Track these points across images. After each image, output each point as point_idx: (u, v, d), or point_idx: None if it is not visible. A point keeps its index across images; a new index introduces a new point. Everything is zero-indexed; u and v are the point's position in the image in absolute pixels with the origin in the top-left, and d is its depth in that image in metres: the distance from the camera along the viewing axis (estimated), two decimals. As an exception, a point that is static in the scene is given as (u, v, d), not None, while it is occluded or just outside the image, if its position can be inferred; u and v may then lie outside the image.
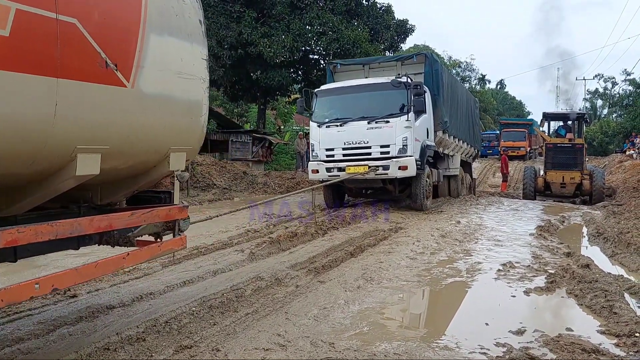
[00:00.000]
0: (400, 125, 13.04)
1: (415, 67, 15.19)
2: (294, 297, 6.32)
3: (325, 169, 13.56)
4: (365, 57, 20.28)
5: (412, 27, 26.09)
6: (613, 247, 9.60)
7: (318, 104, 14.21)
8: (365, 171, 12.94)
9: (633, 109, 44.40)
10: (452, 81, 17.21)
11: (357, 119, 13.40)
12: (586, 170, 18.50)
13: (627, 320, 5.34)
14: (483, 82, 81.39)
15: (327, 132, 13.68)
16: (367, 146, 13.22)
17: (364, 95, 13.78)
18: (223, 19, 22.81)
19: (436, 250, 9.10)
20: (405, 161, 12.93)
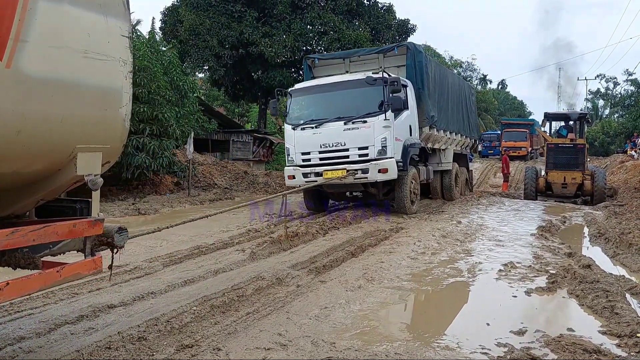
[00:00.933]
0: (378, 125, 12.18)
1: (397, 60, 14.50)
2: (295, 297, 6.32)
3: (301, 174, 12.72)
4: (345, 51, 19.39)
5: (414, 27, 26.08)
6: (614, 247, 9.59)
7: (292, 104, 13.41)
8: (343, 175, 12.14)
9: (635, 109, 44.32)
10: (440, 71, 16.18)
11: (333, 119, 12.55)
12: (587, 171, 18.46)
13: (629, 320, 5.33)
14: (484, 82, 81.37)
15: (303, 135, 12.80)
16: (345, 149, 12.37)
17: (340, 94, 12.93)
18: (224, 18, 22.84)
19: (437, 250, 9.10)
20: (385, 163, 12.13)
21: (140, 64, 14.66)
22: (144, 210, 13.12)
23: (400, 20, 25.84)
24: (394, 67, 14.36)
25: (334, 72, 14.96)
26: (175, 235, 9.79)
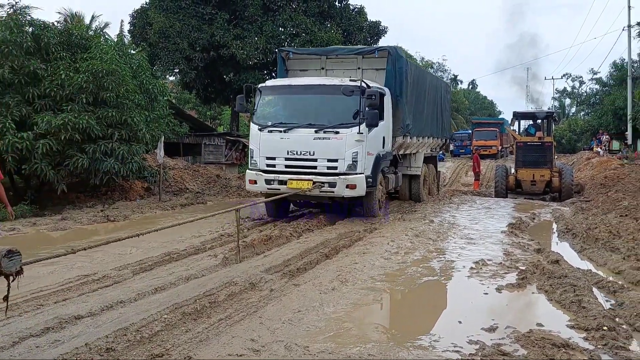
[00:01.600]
0: (350, 138, 11.33)
1: (377, 62, 13.67)
2: (268, 301, 6.28)
3: (264, 180, 11.79)
4: (323, 47, 18.53)
5: (385, 29, 26.20)
6: (581, 242, 9.77)
7: (261, 102, 12.32)
8: (308, 187, 11.30)
9: (600, 107, 45.34)
10: (419, 75, 15.44)
11: (303, 125, 11.61)
12: (555, 168, 18.77)
13: (596, 314, 5.44)
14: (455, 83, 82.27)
15: (269, 138, 11.83)
16: (313, 158, 11.47)
17: (314, 98, 12.07)
18: (195, 21, 22.64)
19: (410, 249, 9.15)
20: (354, 179, 11.33)
21: (108, 67, 14.41)
22: (113, 217, 12.92)
23: (372, 22, 25.95)
24: (373, 69, 13.74)
25: (309, 68, 14.27)
26: (145, 242, 9.65)
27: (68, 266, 8.10)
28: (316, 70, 14.16)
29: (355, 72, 13.58)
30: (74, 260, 8.45)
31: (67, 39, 15.58)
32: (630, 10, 33.12)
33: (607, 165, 24.51)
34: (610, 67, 48.02)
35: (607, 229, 10.09)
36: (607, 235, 9.69)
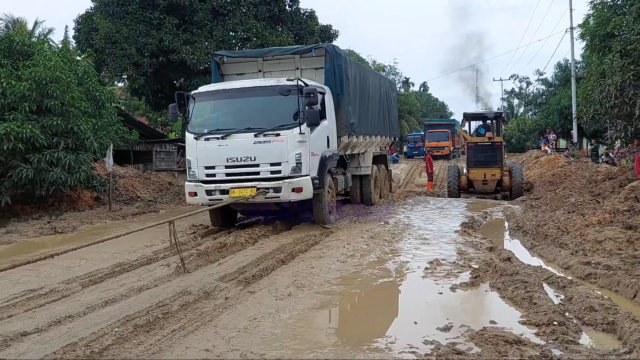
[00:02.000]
0: (292, 139, 10.87)
1: (315, 62, 13.28)
2: (223, 310, 6.19)
3: (204, 191, 11.18)
4: (258, 49, 18.12)
5: (336, 32, 26.33)
6: (532, 239, 10.02)
7: (195, 110, 11.65)
8: (252, 194, 10.79)
9: (546, 107, 46.69)
10: (361, 73, 14.99)
11: (242, 130, 11.08)
12: (506, 167, 19.19)
13: (546, 309, 5.57)
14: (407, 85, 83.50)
15: (207, 146, 11.21)
16: (255, 164, 10.98)
17: (251, 101, 11.56)
18: (142, 26, 22.23)
19: (366, 252, 9.19)
20: (299, 182, 10.90)
21: (52, 75, 13.97)
22: (61, 229, 12.53)
23: (323, 26, 26.03)
24: (312, 69, 13.39)
25: (245, 71, 13.73)
26: (95, 253, 9.39)
27: (13, 281, 7.83)
28: (253, 73, 13.73)
29: (294, 73, 13.20)
30: (19, 274, 8.17)
31: (8, 45, 15.09)
32: (572, 13, 34.33)
33: (555, 163, 25.29)
34: (555, 68, 49.61)
35: (556, 226, 10.37)
36: (555, 231, 9.97)
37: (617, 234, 8.81)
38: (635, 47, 12.91)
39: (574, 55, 35.24)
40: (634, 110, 12.94)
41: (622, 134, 14.55)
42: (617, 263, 7.45)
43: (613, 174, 15.92)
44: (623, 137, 14.97)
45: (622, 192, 12.16)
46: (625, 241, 8.45)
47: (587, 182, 16.34)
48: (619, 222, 9.67)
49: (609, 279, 6.75)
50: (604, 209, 10.88)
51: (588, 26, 19.54)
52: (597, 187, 14.71)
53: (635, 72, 12.93)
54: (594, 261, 7.64)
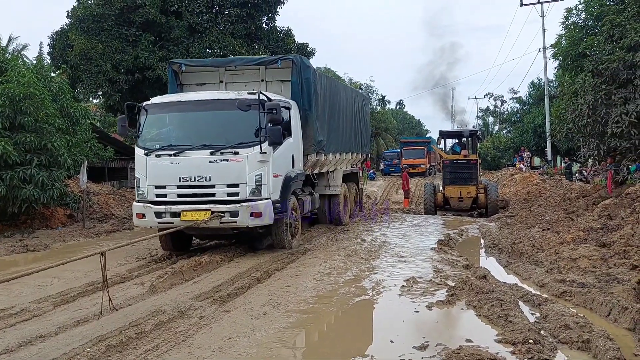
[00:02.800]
0: (252, 158, 9.97)
1: (281, 74, 12.36)
2: (197, 329, 6.10)
3: (154, 213, 10.17)
4: (220, 58, 17.10)
5: (313, 51, 26.45)
6: (507, 257, 10.09)
7: (147, 123, 10.64)
8: (206, 218, 9.85)
9: (521, 125, 47.48)
10: (331, 87, 14.08)
11: (197, 147, 10.15)
12: (481, 185, 19.39)
13: (521, 327, 5.59)
14: (383, 103, 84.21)
15: (158, 164, 10.24)
16: (210, 184, 10.05)
17: (208, 116, 10.62)
18: (118, 43, 22.09)
19: (342, 270, 9.15)
20: (258, 206, 9.96)
21: (26, 91, 13.78)
22: (33, 247, 12.27)
23: (300, 44, 26.15)
24: (278, 81, 12.48)
25: (206, 82, 12.76)
26: (68, 272, 9.21)
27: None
28: (215, 84, 12.73)
29: (259, 85, 12.31)
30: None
31: (-19, 61, 14.83)
32: (544, 33, 35.04)
33: (530, 180, 25.61)
34: (529, 86, 50.58)
35: (531, 243, 10.47)
36: (530, 249, 10.06)
37: (591, 251, 8.92)
38: (607, 67, 13.22)
39: (547, 74, 35.95)
40: (606, 129, 13.21)
41: (594, 152, 14.80)
42: (591, 281, 7.53)
43: (587, 192, 16.17)
44: (596, 155, 15.24)
45: (595, 210, 12.35)
46: (600, 259, 8.56)
47: (561, 200, 16.56)
48: (592, 239, 9.80)
49: (584, 297, 6.81)
50: (578, 227, 11.03)
51: (560, 46, 19.97)
52: (571, 204, 14.92)
53: (607, 91, 13.23)
54: (568, 279, 7.71)
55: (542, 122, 36.52)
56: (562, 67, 20.39)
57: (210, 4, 22.51)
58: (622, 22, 13.81)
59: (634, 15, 13.75)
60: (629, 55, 12.77)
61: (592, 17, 17.63)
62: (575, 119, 14.43)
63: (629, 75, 12.92)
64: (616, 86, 13.31)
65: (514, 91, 62.33)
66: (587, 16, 18.01)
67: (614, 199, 12.75)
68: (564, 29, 19.47)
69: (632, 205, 11.13)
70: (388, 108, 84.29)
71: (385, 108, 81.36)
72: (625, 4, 14.71)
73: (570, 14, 19.03)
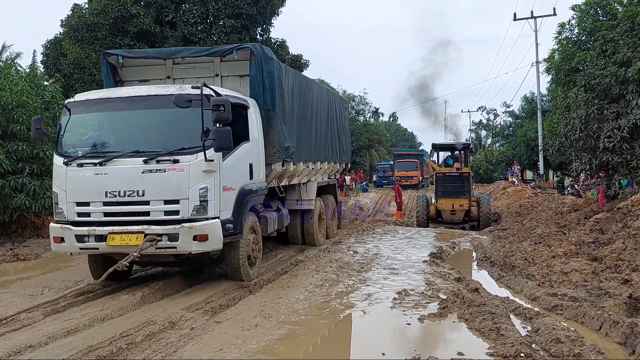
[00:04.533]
0: (195, 168, 7.99)
1: (240, 67, 10.41)
2: (188, 340, 6.07)
3: (74, 237, 8.13)
4: (165, 48, 14.81)
5: (307, 62, 26.56)
6: (499, 270, 10.11)
7: (70, 125, 8.65)
8: (137, 244, 7.86)
9: (513, 139, 47.75)
10: (302, 84, 12.19)
11: (128, 154, 8.18)
12: (474, 198, 19.46)
13: (513, 341, 5.59)
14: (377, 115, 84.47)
15: (79, 175, 8.24)
16: (144, 200, 8.02)
17: (142, 115, 8.63)
18: (112, 52, 22.12)
19: (334, 281, 9.14)
20: (204, 227, 7.97)
21: (19, 99, 13.77)
22: (24, 256, 12.18)
23: (294, 56, 26.26)
24: (236, 76, 10.57)
25: (151, 77, 10.74)
26: (58, 282, 9.16)
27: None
28: (161, 80, 10.69)
29: (213, 81, 10.35)
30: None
31: (-27, 69, 14.81)
32: (537, 48, 35.42)
33: (522, 194, 25.70)
34: (522, 100, 50.83)
35: (523, 257, 10.49)
36: (522, 262, 10.08)
37: (582, 265, 8.96)
38: (599, 81, 13.35)
39: (540, 88, 36.18)
40: (598, 144, 13.32)
41: (586, 166, 14.91)
42: (583, 295, 7.55)
43: (578, 206, 16.25)
44: (588, 169, 15.34)
45: (587, 224, 12.41)
46: (591, 272, 8.60)
47: (553, 214, 16.63)
48: (584, 253, 9.85)
49: (575, 311, 6.83)
50: (570, 241, 11.07)
51: (553, 60, 20.11)
52: (563, 218, 14.99)
53: (599, 106, 13.35)
54: (560, 293, 7.74)
55: (535, 135, 36.74)
56: (554, 81, 20.54)
57: (204, 15, 22.61)
58: (615, 37, 13.97)
59: (627, 31, 13.91)
60: (621, 70, 12.91)
61: (585, 32, 17.78)
62: (568, 133, 14.54)
63: (621, 90, 13.06)
64: (608, 101, 13.44)
65: (506, 105, 62.61)
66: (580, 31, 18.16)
67: (605, 213, 12.82)
68: (557, 43, 19.62)
69: (623, 220, 11.19)
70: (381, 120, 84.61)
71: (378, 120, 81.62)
72: (617, 20, 14.88)
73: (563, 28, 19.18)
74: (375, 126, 64.28)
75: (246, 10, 22.44)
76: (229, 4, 22.11)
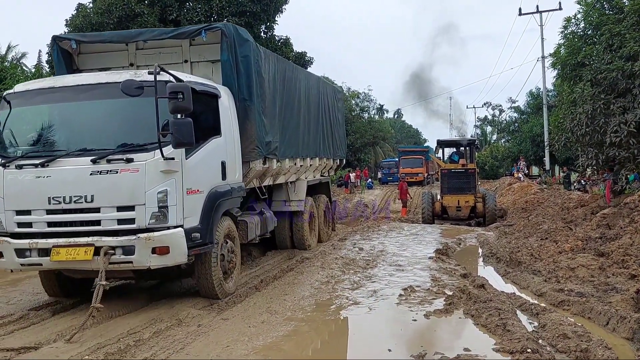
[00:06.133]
0: (153, 168, 6.81)
1: (213, 51, 9.18)
2: (195, 337, 6.10)
3: (14, 251, 7.01)
4: (126, 31, 13.23)
5: (311, 59, 26.55)
6: (505, 266, 10.09)
7: (9, 120, 7.41)
8: (88, 258, 6.69)
9: (519, 135, 47.59)
10: (286, 72, 10.95)
11: (74, 153, 7.01)
12: (479, 194, 19.42)
13: (519, 336, 5.59)
14: (381, 112, 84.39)
15: (18, 179, 7.05)
16: (93, 207, 6.85)
17: (92, 107, 7.43)
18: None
19: (340, 278, 9.15)
20: (164, 238, 6.79)
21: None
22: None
23: (298, 53, 26.25)
24: (207, 62, 9.43)
25: (111, 65, 9.48)
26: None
27: None
28: (123, 68, 9.49)
29: (182, 67, 9.15)
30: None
31: (-20, 69, 14.92)
32: (543, 42, 35.13)
33: (528, 190, 25.62)
34: (527, 96, 50.63)
35: (529, 252, 10.47)
36: (529, 258, 10.06)
37: (589, 261, 8.94)
38: (605, 76, 13.28)
39: (546, 83, 36.04)
40: (604, 139, 13.25)
41: (593, 161, 14.85)
42: (589, 290, 7.54)
43: (585, 201, 16.20)
44: (594, 165, 15.29)
45: (593, 220, 12.37)
46: (598, 268, 8.58)
47: (559, 209, 16.58)
48: (591, 249, 9.82)
49: (582, 306, 6.82)
50: (577, 236, 11.05)
51: (559, 55, 20.07)
52: (570, 214, 14.94)
53: (606, 101, 13.28)
54: (567, 288, 7.72)
55: (541, 131, 36.60)
56: (560, 76, 20.49)
57: (208, 13, 22.60)
58: (621, 31, 13.90)
59: (633, 25, 13.83)
60: (627, 64, 12.84)
61: (591, 27, 17.73)
62: (574, 129, 14.48)
63: (627, 84, 12.99)
64: (615, 95, 13.37)
65: (512, 100, 62.43)
66: (586, 25, 18.10)
67: (612, 208, 12.78)
68: (562, 38, 19.58)
69: (630, 215, 11.15)
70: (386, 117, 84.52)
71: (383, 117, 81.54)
72: (624, 14, 14.80)
73: (569, 23, 19.13)
74: (380, 123, 64.19)
75: (250, 7, 22.40)
76: (233, 1, 22.09)
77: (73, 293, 8.07)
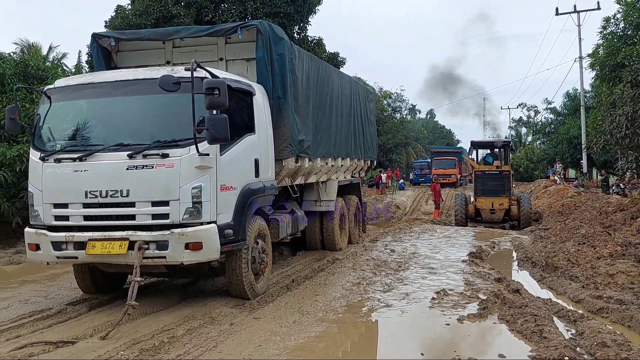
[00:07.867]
0: (188, 163, 6.87)
1: (248, 49, 9.13)
2: (228, 336, 6.14)
3: (51, 243, 7.10)
4: (162, 28, 12.84)
5: (343, 60, 26.55)
6: (541, 271, 9.90)
7: (49, 115, 7.53)
8: (122, 252, 6.78)
9: (555, 137, 46.72)
10: (319, 71, 10.90)
11: (111, 148, 7.07)
12: (514, 196, 19.16)
13: (557, 344, 5.47)
14: (414, 112, 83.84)
15: (57, 173, 7.16)
16: (129, 202, 6.94)
17: (129, 103, 7.53)
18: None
19: (372, 280, 9.10)
20: (197, 234, 6.83)
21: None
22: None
23: (330, 54, 26.28)
24: (242, 60, 9.36)
25: (148, 63, 9.30)
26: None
27: (22, 301, 7.93)
28: (160, 66, 9.24)
29: (217, 65, 9.06)
30: (28, 294, 8.26)
31: (23, 69, 15.37)
32: (581, 42, 34.46)
33: (564, 193, 25.12)
34: (564, 97, 49.60)
35: (566, 257, 10.25)
36: (565, 263, 9.86)
37: (629, 267, 8.71)
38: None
39: (583, 84, 35.30)
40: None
41: (633, 164, 14.51)
42: (629, 297, 7.34)
43: (624, 206, 15.77)
44: (634, 168, 14.92)
45: (634, 225, 12.06)
46: (638, 275, 8.35)
47: (597, 214, 16.19)
48: (631, 255, 9.57)
49: (622, 314, 6.64)
50: (616, 242, 10.77)
51: (598, 56, 19.66)
52: (608, 218, 14.57)
53: (647, 103, 12.96)
54: (605, 295, 7.53)
55: (578, 133, 35.88)
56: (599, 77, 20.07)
57: (243, 14, 22.77)
58: (663, 32, 13.55)
59: (675, 25, 13.47)
60: (669, 66, 12.51)
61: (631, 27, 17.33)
62: (613, 131, 14.15)
63: (669, 86, 12.65)
64: (656, 97, 13.04)
65: (548, 101, 61.32)
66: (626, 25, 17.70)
67: (653, 213, 12.44)
68: (601, 38, 19.17)
69: (671, 221, 10.84)
70: (418, 117, 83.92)
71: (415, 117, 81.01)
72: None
73: (608, 23, 18.73)
74: (412, 123, 63.84)
75: (283, 8, 22.48)
76: (267, 2, 22.21)
77: (106, 289, 8.20)
